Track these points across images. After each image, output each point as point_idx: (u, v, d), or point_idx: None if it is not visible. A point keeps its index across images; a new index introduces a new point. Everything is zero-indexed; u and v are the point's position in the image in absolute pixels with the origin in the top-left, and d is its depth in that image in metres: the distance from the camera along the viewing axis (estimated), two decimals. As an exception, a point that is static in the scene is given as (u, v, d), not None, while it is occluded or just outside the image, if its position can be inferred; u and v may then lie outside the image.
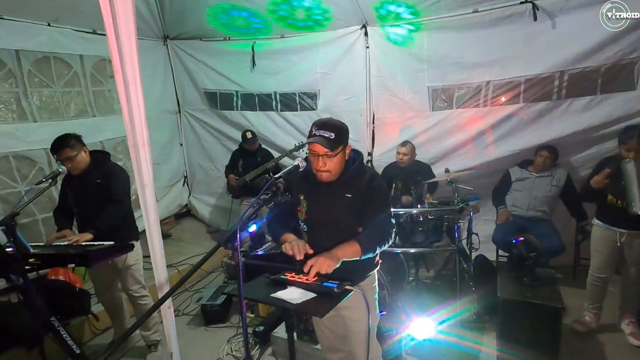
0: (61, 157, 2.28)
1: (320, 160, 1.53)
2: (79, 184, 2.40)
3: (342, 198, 1.60)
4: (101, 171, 2.42)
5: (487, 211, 3.68)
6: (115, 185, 2.41)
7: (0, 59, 3.16)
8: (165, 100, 4.80)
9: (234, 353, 2.69)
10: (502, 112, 3.43)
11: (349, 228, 1.60)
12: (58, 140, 2.32)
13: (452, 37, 3.41)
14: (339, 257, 1.45)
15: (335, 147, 1.51)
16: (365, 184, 1.61)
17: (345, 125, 1.59)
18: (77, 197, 2.43)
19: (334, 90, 3.96)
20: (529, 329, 2.25)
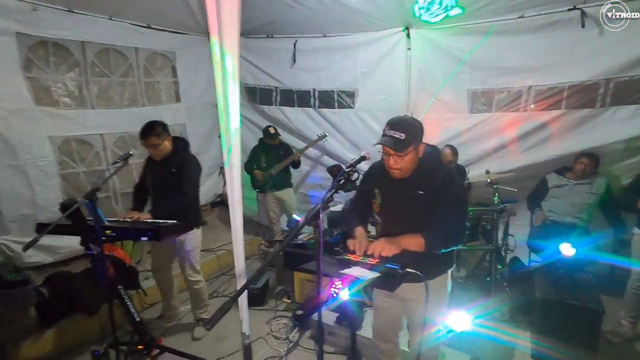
0: (147, 143, 2.49)
1: (391, 159, 1.60)
2: (157, 169, 2.62)
3: (414, 194, 1.65)
4: (178, 160, 2.61)
5: (521, 216, 3.69)
6: (185, 176, 2.59)
7: (68, 49, 3.42)
8: (208, 94, 5.00)
9: (274, 333, 2.85)
10: (543, 117, 3.46)
11: (420, 224, 1.62)
12: (147, 127, 2.52)
13: (496, 41, 3.46)
14: (401, 245, 1.54)
15: (405, 148, 1.56)
16: (438, 182, 1.63)
17: (419, 124, 1.65)
18: (154, 180, 2.66)
19: (373, 89, 4.06)
20: (567, 330, 2.30)
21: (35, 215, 3.22)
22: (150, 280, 3.39)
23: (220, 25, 1.30)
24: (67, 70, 3.45)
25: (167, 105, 4.47)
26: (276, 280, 3.56)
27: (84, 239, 2.14)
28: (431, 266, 1.64)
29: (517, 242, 3.11)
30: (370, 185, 1.79)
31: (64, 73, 3.44)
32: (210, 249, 4.16)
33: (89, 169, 3.69)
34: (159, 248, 2.79)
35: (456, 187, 1.69)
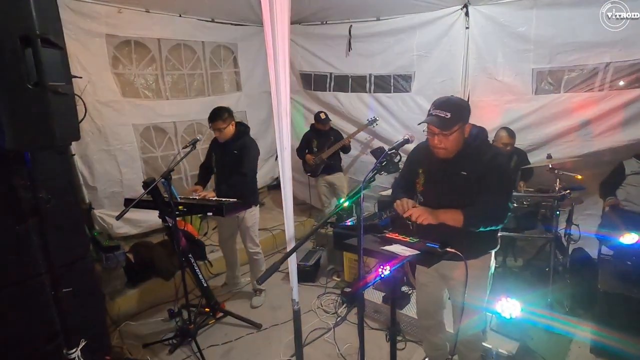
0: (215, 127, 2.80)
1: (436, 138, 1.64)
2: (221, 150, 2.93)
3: (457, 175, 1.68)
4: (240, 143, 2.90)
5: (591, 205, 3.42)
6: (246, 159, 2.87)
7: (147, 46, 3.85)
8: (265, 82, 5.26)
9: (324, 307, 3.04)
10: (622, 97, 3.10)
11: (461, 204, 1.65)
12: (215, 112, 2.83)
13: (566, 14, 3.15)
14: (438, 217, 1.60)
15: (450, 127, 1.59)
16: (484, 163, 1.65)
17: (466, 103, 1.69)
18: (218, 160, 2.98)
19: (429, 72, 3.95)
20: (631, 325, 2.15)
21: (123, 193, 3.73)
22: (216, 253, 3.79)
23: (272, 14, 1.42)
24: (146, 66, 3.89)
25: (229, 94, 4.82)
26: (327, 260, 3.75)
27: (161, 213, 2.49)
28: (472, 245, 1.66)
29: (582, 233, 2.88)
30: (415, 165, 1.85)
31: (144, 68, 3.89)
32: (267, 228, 4.47)
33: (164, 153, 4.16)
34: (224, 223, 3.12)
35: (502, 170, 1.68)
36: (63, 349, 1.90)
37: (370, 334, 2.57)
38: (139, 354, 2.55)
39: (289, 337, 2.66)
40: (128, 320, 2.95)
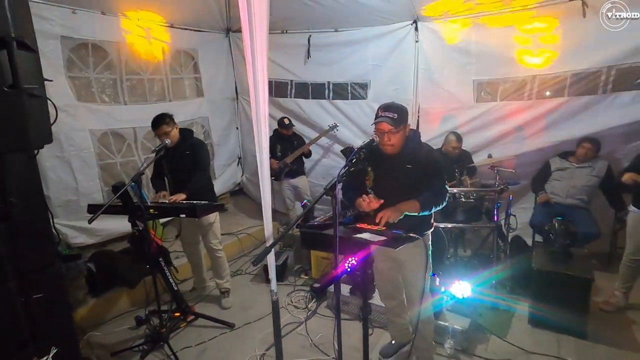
0: (160, 132, 2.80)
1: (385, 136, 1.93)
2: (172, 155, 2.92)
3: (403, 168, 1.99)
4: (188, 144, 2.94)
5: (525, 200, 3.91)
6: (200, 157, 2.93)
7: (105, 49, 3.75)
8: (226, 88, 5.31)
9: (294, 304, 3.16)
10: (547, 105, 3.61)
11: (408, 193, 1.95)
12: (156, 118, 2.84)
13: (501, 32, 3.62)
14: (402, 210, 1.85)
15: (398, 125, 1.90)
16: (424, 157, 1.99)
17: (405, 107, 1.99)
18: (170, 166, 2.97)
19: (384, 81, 4.28)
20: (560, 297, 2.55)
21: (79, 202, 3.58)
22: (180, 259, 3.76)
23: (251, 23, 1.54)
24: (104, 69, 3.78)
25: (191, 100, 4.80)
26: (294, 259, 3.87)
27: (131, 217, 2.48)
28: (417, 228, 1.94)
29: (519, 222, 3.32)
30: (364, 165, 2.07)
31: (101, 72, 3.77)
32: (232, 233, 4.50)
33: (123, 159, 4.05)
34: (188, 227, 3.12)
35: (438, 162, 2.04)
36: (33, 358, 1.85)
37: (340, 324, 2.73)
38: (108, 362, 2.50)
39: (262, 333, 2.75)
40: (92, 330, 2.85)
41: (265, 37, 1.60)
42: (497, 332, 2.61)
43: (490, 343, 2.54)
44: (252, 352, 2.56)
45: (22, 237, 1.75)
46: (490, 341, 2.55)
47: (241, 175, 5.82)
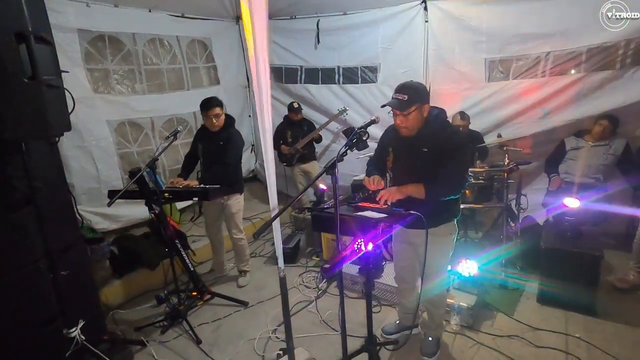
0: (213, 113, 2.88)
1: (397, 119, 1.89)
2: (208, 140, 3.02)
3: (420, 151, 1.90)
4: (226, 134, 3.02)
5: (539, 180, 3.85)
6: (230, 150, 3.00)
7: (122, 41, 3.86)
8: (239, 76, 5.38)
9: (305, 284, 3.27)
10: (561, 82, 3.51)
11: (425, 177, 1.86)
12: (211, 99, 2.93)
13: (512, 9, 3.52)
14: (403, 191, 1.86)
15: (407, 108, 1.80)
16: (443, 140, 1.86)
17: (423, 86, 1.89)
18: (204, 150, 3.08)
19: (393, 63, 4.23)
20: (569, 275, 2.54)
21: (101, 189, 3.77)
22: (197, 243, 3.92)
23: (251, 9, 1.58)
24: (121, 61, 3.90)
25: (209, 88, 4.89)
26: (306, 242, 3.97)
27: (147, 201, 2.61)
28: (436, 214, 1.90)
29: (530, 202, 3.29)
30: (386, 145, 2.09)
31: (119, 63, 3.89)
32: (247, 218, 4.62)
33: (140, 149, 4.19)
34: (209, 210, 3.26)
35: (458, 146, 1.90)
36: (62, 330, 2.02)
37: (349, 302, 2.81)
38: (132, 336, 2.67)
39: (274, 311, 2.87)
40: (116, 309, 3.04)
41: (266, 22, 1.63)
42: (504, 310, 2.63)
43: (497, 320, 2.57)
44: (265, 328, 2.68)
45: (47, 220, 1.90)
46: (496, 318, 2.58)
47: (255, 162, 5.92)
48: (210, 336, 2.66)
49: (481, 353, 2.29)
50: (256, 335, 2.61)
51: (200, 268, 3.72)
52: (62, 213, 2.06)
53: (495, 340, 2.37)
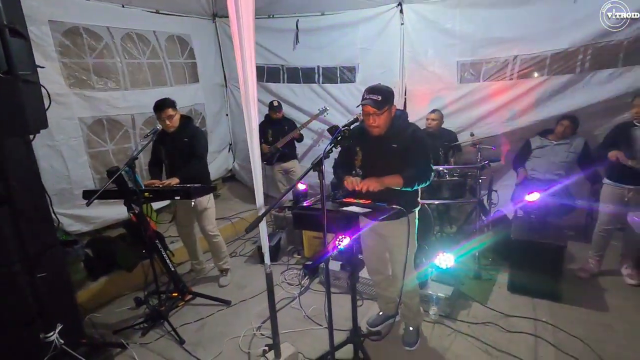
0: (165, 115, 2.84)
1: (370, 118, 1.99)
2: (171, 141, 2.97)
3: (389, 148, 2.05)
4: (188, 132, 2.98)
5: (508, 177, 4.06)
6: (198, 145, 2.97)
7: (99, 34, 3.73)
8: (217, 75, 5.33)
9: (288, 281, 3.30)
10: (528, 84, 3.73)
11: (394, 171, 2.02)
12: (162, 101, 2.88)
13: (482, 14, 3.70)
14: (384, 182, 1.96)
15: (382, 107, 1.94)
16: (409, 137, 2.04)
17: (391, 89, 2.03)
18: (168, 152, 3.01)
19: (371, 64, 4.34)
20: (536, 264, 2.73)
21: (72, 190, 3.62)
22: (175, 244, 3.85)
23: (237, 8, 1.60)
24: (100, 55, 3.76)
25: (190, 85, 4.82)
26: (287, 241, 4.00)
27: (126, 201, 2.55)
28: (403, 205, 2.00)
29: (500, 198, 3.48)
30: (352, 146, 2.16)
31: (98, 57, 3.75)
32: (226, 217, 4.60)
33: (117, 147, 4.05)
34: (182, 211, 3.20)
35: (422, 141, 2.08)
36: (40, 333, 1.95)
37: (332, 297, 2.85)
38: (112, 339, 2.61)
39: (257, 308, 2.88)
40: (92, 313, 2.95)
41: (252, 20, 1.66)
42: (478, 299, 2.78)
43: (472, 309, 2.71)
44: (249, 326, 2.69)
45: (24, 220, 1.83)
46: (472, 307, 2.73)
47: (232, 161, 5.88)
48: (193, 336, 2.64)
49: (458, 340, 2.41)
50: (240, 333, 2.61)
51: (179, 269, 3.66)
52: (38, 214, 1.99)
53: (471, 327, 2.51)
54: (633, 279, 2.92)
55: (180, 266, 3.71)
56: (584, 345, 2.28)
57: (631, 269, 2.97)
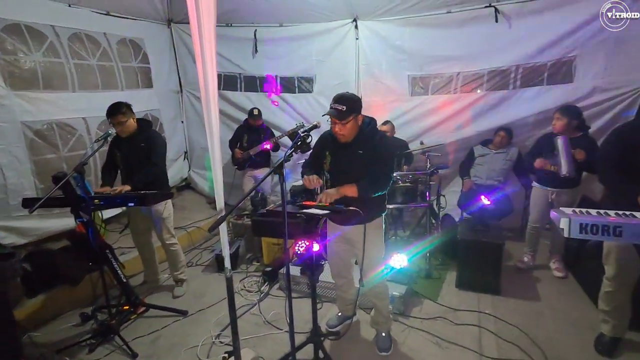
0: (115, 121, 2.74)
1: (336, 127, 2.07)
2: (127, 146, 2.87)
3: (355, 154, 2.12)
4: (145, 136, 2.89)
5: (455, 183, 4.39)
6: (155, 150, 2.89)
7: (43, 32, 3.49)
8: (170, 81, 5.20)
9: (247, 288, 3.27)
10: (469, 98, 4.10)
11: (361, 175, 2.07)
12: (113, 107, 2.76)
13: (429, 33, 4.03)
14: (339, 192, 2.05)
15: (346, 117, 2.00)
16: (375, 144, 2.12)
17: (357, 98, 2.11)
18: (124, 157, 2.90)
19: (328, 75, 4.51)
20: (479, 261, 2.99)
21: (7, 200, 3.32)
22: (126, 255, 3.67)
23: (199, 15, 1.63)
24: (45, 54, 3.52)
25: (142, 90, 4.65)
26: (245, 248, 3.97)
27: (74, 209, 2.41)
28: (369, 210, 2.14)
29: (449, 202, 3.76)
30: (322, 149, 2.26)
31: (43, 57, 3.50)
32: (181, 227, 4.46)
33: (70, 154, 3.76)
34: (138, 219, 3.09)
35: (385, 148, 2.17)
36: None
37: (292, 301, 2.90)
38: (54, 358, 2.42)
39: (216, 317, 2.83)
40: (31, 332, 2.71)
41: (214, 27, 1.70)
42: (429, 296, 2.97)
43: (424, 305, 2.89)
44: (207, 334, 2.64)
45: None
46: (424, 304, 2.90)
47: (188, 170, 5.72)
48: (147, 349, 2.54)
49: (412, 335, 2.56)
50: (198, 343, 2.55)
51: (132, 281, 3.48)
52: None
53: (423, 322, 2.67)
54: (560, 272, 3.28)
55: (133, 278, 3.53)
56: (519, 332, 2.52)
57: (558, 264, 3.34)
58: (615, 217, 1.66)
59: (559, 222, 1.67)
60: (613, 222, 1.59)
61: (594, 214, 1.69)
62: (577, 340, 2.44)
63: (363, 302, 2.82)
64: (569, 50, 3.63)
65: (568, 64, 3.71)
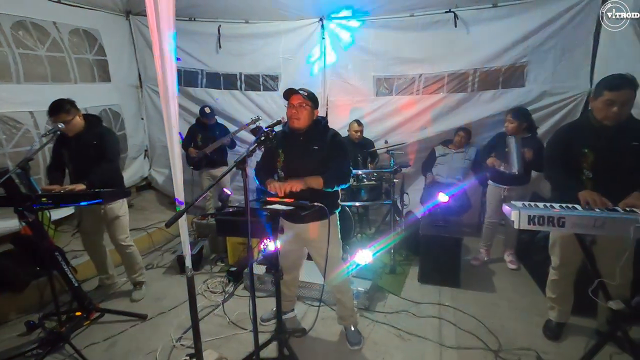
0: (57, 120, 2.53)
1: (294, 109, 2.09)
2: (75, 144, 2.68)
3: (310, 149, 2.15)
4: (96, 132, 2.72)
5: (418, 182, 4.53)
6: (109, 147, 2.72)
7: None
8: (130, 75, 4.96)
9: (211, 289, 3.19)
10: (431, 99, 4.25)
11: (315, 172, 2.11)
12: (55, 104, 2.55)
13: (393, 35, 4.14)
14: (306, 182, 2.06)
15: (307, 99, 2.09)
16: (329, 139, 2.16)
17: (316, 96, 2.19)
18: (72, 156, 2.70)
19: (294, 74, 4.50)
20: (439, 256, 3.11)
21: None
22: (78, 258, 3.45)
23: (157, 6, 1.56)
24: None
25: (99, 84, 4.39)
26: (210, 249, 3.86)
27: (17, 208, 2.22)
28: (328, 206, 2.11)
29: (411, 200, 3.88)
30: (274, 148, 2.25)
31: None
32: (141, 228, 4.26)
33: (15, 150, 3.48)
34: (89, 221, 2.91)
35: (342, 144, 2.22)
36: None
37: (257, 301, 2.85)
38: (-6, 372, 2.23)
39: (177, 320, 2.73)
40: (-33, 344, 2.48)
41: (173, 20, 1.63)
42: (393, 290, 3.05)
43: (388, 300, 2.95)
44: (168, 338, 2.54)
45: None
46: (387, 298, 2.97)
47: (149, 168, 5.48)
48: (102, 356, 2.40)
49: (376, 329, 2.60)
50: (158, 347, 2.45)
51: (86, 285, 3.28)
52: None
53: (387, 316, 2.73)
54: (513, 265, 3.49)
55: (87, 282, 3.33)
56: (477, 322, 2.65)
57: (512, 257, 3.55)
58: (559, 209, 1.78)
59: (510, 214, 1.77)
60: (557, 214, 1.71)
61: (541, 207, 1.81)
62: (528, 326, 2.59)
63: (326, 299, 2.83)
64: (521, 57, 3.87)
65: (520, 69, 3.95)
